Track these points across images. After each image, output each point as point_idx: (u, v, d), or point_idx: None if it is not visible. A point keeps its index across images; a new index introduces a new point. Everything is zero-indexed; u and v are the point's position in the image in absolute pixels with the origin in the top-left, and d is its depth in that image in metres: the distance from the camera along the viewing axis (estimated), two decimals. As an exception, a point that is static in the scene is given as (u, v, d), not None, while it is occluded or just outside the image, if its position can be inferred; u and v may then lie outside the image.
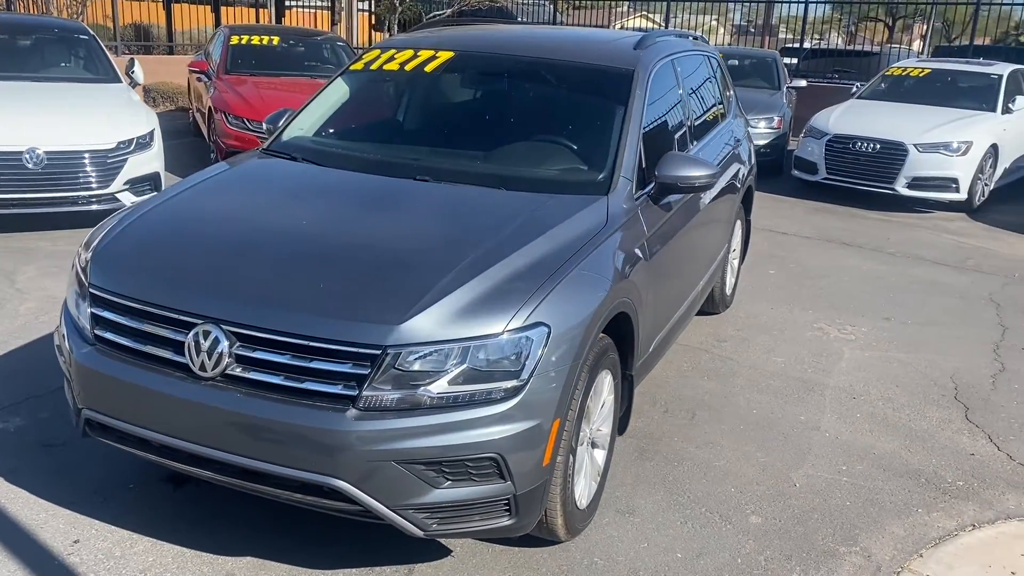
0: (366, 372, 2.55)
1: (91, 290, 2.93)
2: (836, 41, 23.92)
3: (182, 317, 2.71)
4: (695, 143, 4.55)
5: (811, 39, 23.20)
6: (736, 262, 6.02)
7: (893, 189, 9.68)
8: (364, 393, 2.54)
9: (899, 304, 6.38)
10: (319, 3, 20.20)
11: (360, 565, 3.04)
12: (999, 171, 10.28)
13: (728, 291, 5.88)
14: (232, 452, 2.65)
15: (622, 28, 17.43)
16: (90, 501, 3.33)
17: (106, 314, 2.88)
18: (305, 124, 4.11)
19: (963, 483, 3.86)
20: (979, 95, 10.66)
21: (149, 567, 2.96)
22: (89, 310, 2.91)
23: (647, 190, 3.64)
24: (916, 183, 9.63)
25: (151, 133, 7.34)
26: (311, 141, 4.00)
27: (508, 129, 3.90)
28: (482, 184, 3.45)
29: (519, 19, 20.54)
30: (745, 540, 3.32)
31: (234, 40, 10.13)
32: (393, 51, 4.23)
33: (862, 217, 9.45)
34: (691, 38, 5.28)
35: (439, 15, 17.37)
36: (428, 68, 4.04)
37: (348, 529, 3.19)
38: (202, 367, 2.66)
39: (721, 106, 5.51)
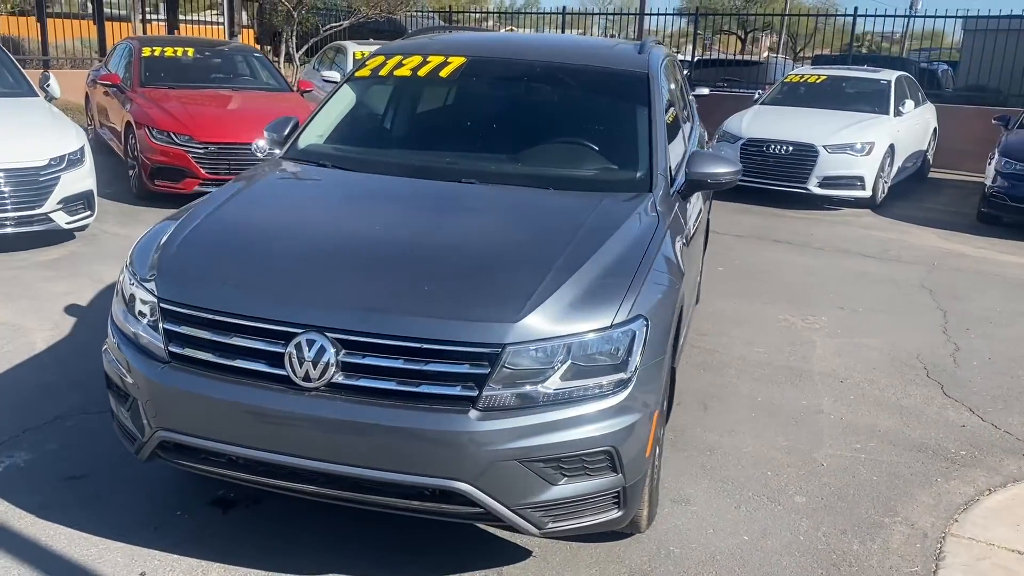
0: (485, 372, 2.53)
1: (163, 305, 2.77)
2: (692, 53, 25.21)
3: (279, 328, 2.61)
4: (687, 142, 4.72)
5: (700, 51, 24.20)
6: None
7: (806, 188, 10.24)
8: (484, 393, 2.52)
9: (845, 295, 6.76)
10: (212, 18, 19.54)
11: (450, 572, 3.00)
12: (895, 169, 11.03)
13: (699, 286, 6.08)
14: (343, 463, 2.57)
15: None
16: (141, 531, 3.14)
17: (183, 329, 2.73)
18: (320, 131, 4.01)
19: (965, 452, 4.14)
20: (872, 99, 11.42)
21: (233, 594, 2.83)
22: (162, 326, 2.75)
23: (676, 187, 3.76)
24: (827, 182, 10.22)
25: (82, 149, 6.94)
26: (335, 148, 3.92)
27: (536, 131, 3.94)
28: (529, 185, 3.48)
29: (409, 29, 20.57)
30: (799, 519, 3.47)
31: (146, 52, 9.68)
32: (399, 57, 4.20)
33: (781, 216, 9.95)
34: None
35: (336, 27, 17.14)
36: (443, 73, 4.03)
37: (429, 537, 3.14)
38: (306, 377, 2.57)
39: (687, 109, 5.72)
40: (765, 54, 36.52)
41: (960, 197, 11.75)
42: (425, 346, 2.54)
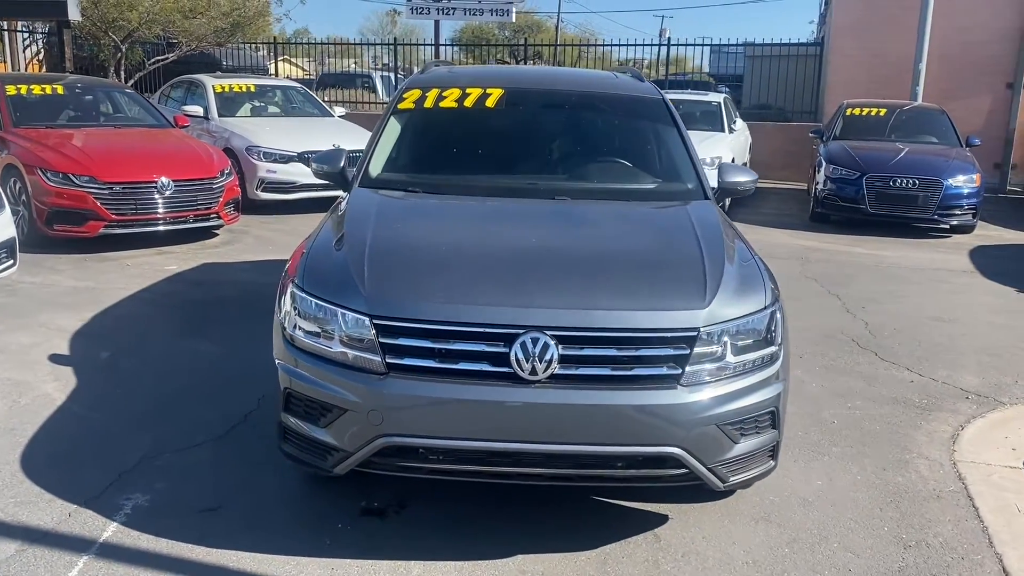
0: (686, 352, 2.99)
1: (377, 322, 2.99)
2: None
3: (504, 331, 2.93)
4: None
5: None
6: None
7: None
8: (687, 370, 2.99)
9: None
10: None
11: (614, 540, 3.40)
12: (734, 180, 12.40)
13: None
14: (568, 443, 2.93)
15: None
16: (318, 545, 3.28)
17: (400, 342, 2.97)
18: (386, 161, 4.26)
19: (927, 401, 5.06)
20: (707, 119, 12.78)
21: (449, 582, 3.08)
22: (379, 341, 2.97)
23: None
24: (686, 193, 11.34)
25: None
26: (410, 176, 4.20)
27: (590, 152, 4.44)
28: (610, 199, 3.97)
29: (224, 63, 20.15)
30: (846, 464, 4.16)
31: (11, 91, 9.06)
32: (437, 90, 4.53)
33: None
34: None
35: (163, 60, 16.51)
36: (490, 103, 4.42)
37: (576, 515, 3.52)
38: (532, 372, 2.91)
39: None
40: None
41: (784, 202, 13.39)
42: (636, 335, 2.97)
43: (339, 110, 13.09)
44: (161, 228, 8.31)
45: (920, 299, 7.49)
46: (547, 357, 2.91)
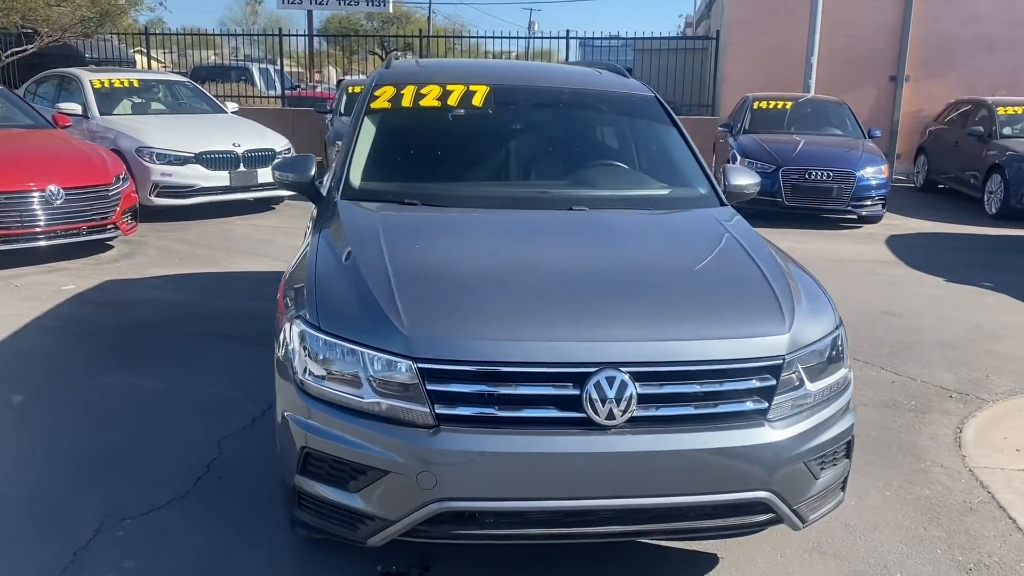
0: (771, 384, 2.66)
1: (423, 366, 2.51)
2: (332, 75, 25.18)
3: (574, 370, 2.52)
4: None
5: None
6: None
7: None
8: (773, 404, 2.66)
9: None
10: None
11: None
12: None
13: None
14: (650, 495, 2.56)
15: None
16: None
17: (452, 388, 2.51)
18: (364, 169, 3.74)
19: (914, 403, 4.97)
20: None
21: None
22: (426, 388, 2.50)
23: None
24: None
25: None
26: (400, 185, 3.71)
27: (590, 155, 4.05)
28: (629, 207, 3.61)
29: (87, 55, 18.63)
30: (868, 479, 3.95)
31: None
32: (413, 87, 4.04)
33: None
34: None
35: (21, 51, 14.98)
36: (476, 102, 3.97)
37: (635, 564, 3.16)
38: (609, 415, 2.51)
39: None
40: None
41: (693, 195, 13.40)
42: (721, 367, 2.61)
43: (231, 105, 12.21)
44: (44, 243, 7.37)
45: (863, 293, 7.51)
46: (625, 397, 2.53)
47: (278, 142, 10.62)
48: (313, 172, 3.76)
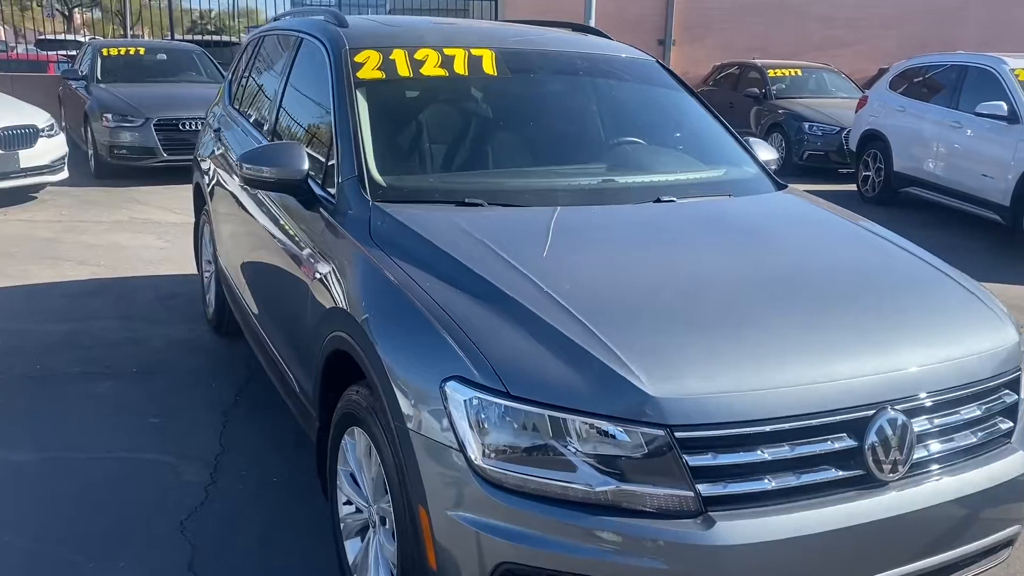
0: (1015, 400, 2.27)
1: (680, 435, 1.82)
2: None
3: (855, 415, 1.96)
4: None
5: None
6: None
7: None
8: (1018, 423, 2.28)
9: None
10: None
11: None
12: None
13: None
14: (935, 554, 2.08)
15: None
16: None
17: (717, 460, 1.85)
18: (377, 159, 2.81)
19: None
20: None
21: None
22: (685, 462, 1.82)
23: None
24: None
25: None
26: (440, 179, 2.91)
27: (630, 132, 3.41)
28: (704, 194, 3.04)
29: None
30: None
31: None
32: (402, 51, 3.15)
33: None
34: None
35: None
36: (487, 69, 3.17)
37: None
38: (893, 468, 1.99)
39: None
40: (84, 32, 33.70)
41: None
42: (979, 387, 2.17)
43: None
44: None
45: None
46: (907, 442, 2.02)
47: (38, 117, 8.71)
48: (306, 165, 2.81)
